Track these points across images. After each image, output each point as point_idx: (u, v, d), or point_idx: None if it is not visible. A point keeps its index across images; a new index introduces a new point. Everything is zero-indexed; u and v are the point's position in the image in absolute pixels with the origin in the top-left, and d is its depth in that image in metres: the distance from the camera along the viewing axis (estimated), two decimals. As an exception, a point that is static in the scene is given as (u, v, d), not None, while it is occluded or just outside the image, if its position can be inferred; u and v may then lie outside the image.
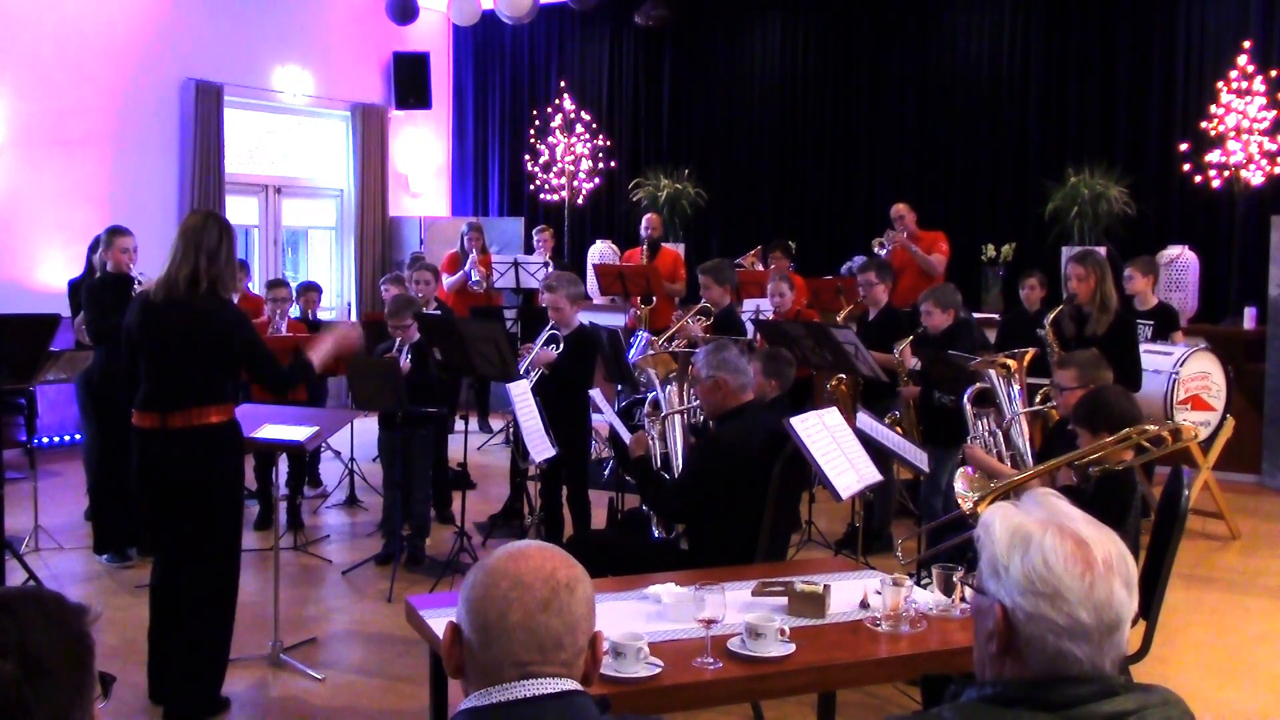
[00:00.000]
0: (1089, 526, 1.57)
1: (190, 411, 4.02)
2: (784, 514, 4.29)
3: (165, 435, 4.03)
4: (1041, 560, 1.52)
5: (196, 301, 4.00)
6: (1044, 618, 1.51)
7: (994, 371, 5.05)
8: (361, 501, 7.49)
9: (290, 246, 12.18)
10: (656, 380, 5.03)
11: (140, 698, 4.27)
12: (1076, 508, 1.61)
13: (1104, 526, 1.59)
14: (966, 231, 9.80)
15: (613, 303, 9.89)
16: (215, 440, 4.08)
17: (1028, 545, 1.54)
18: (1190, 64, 9.45)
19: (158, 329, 4.05)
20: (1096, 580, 1.51)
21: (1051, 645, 1.52)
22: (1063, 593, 1.50)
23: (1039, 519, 1.57)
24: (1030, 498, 1.63)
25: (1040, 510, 1.59)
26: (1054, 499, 1.62)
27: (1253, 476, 8.07)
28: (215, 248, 4.02)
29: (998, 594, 1.56)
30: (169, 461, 4.05)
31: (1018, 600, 1.53)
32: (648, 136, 12.23)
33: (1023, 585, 1.53)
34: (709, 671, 2.80)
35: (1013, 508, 1.62)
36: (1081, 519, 1.58)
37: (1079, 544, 1.53)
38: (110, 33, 9.71)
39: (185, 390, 4.03)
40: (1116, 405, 3.85)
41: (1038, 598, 1.51)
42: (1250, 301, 8.58)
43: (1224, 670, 4.81)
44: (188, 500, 4.07)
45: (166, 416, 4.02)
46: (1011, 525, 1.58)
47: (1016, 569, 1.54)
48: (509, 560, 1.64)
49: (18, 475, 7.49)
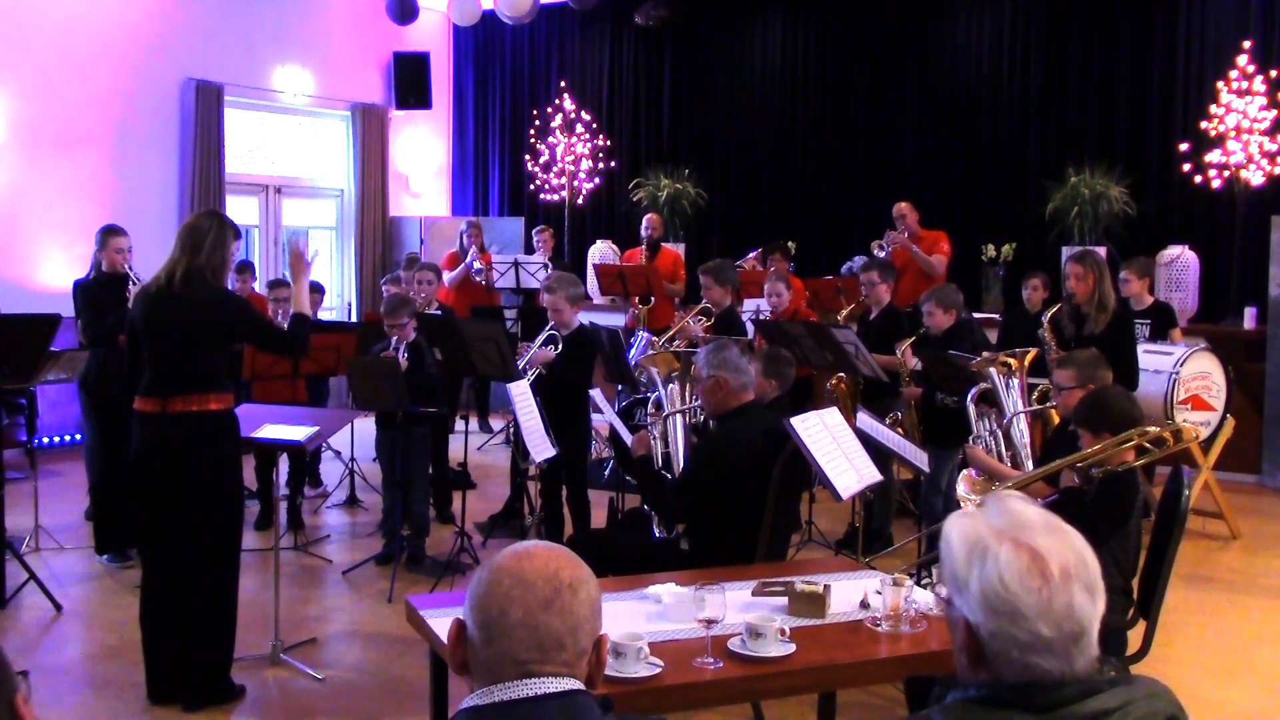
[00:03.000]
0: (1047, 534, 1.54)
1: (191, 397, 4.14)
2: (784, 514, 4.29)
3: (166, 419, 4.14)
4: (998, 578, 1.51)
5: (189, 293, 4.15)
6: (1006, 635, 1.51)
7: (995, 371, 5.05)
8: (361, 501, 7.49)
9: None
10: (659, 379, 5.04)
11: (140, 698, 4.28)
12: (1040, 510, 1.59)
13: (1064, 529, 1.57)
14: (966, 231, 9.80)
15: (613, 303, 9.89)
16: (213, 426, 4.19)
17: (984, 559, 1.53)
18: (1190, 64, 9.45)
19: (158, 320, 4.19)
20: (1054, 593, 1.49)
21: (1018, 659, 1.51)
22: (1021, 610, 1.49)
23: (996, 529, 1.55)
24: (992, 502, 1.61)
25: (1000, 518, 1.57)
26: (1015, 503, 1.60)
27: (1253, 476, 8.07)
28: (204, 242, 4.18)
29: (962, 610, 1.56)
30: (169, 445, 4.15)
31: (980, 617, 1.53)
32: (648, 136, 12.24)
33: (982, 603, 1.52)
34: (709, 671, 2.80)
35: (971, 516, 1.61)
36: (1041, 525, 1.55)
37: (1034, 556, 1.51)
38: (110, 33, 9.71)
39: (186, 377, 4.16)
40: (1117, 406, 3.84)
41: (998, 616, 1.51)
42: (1250, 301, 8.58)
43: (1224, 670, 4.81)
44: (187, 486, 4.14)
45: (167, 401, 4.14)
46: (969, 537, 1.56)
47: (975, 586, 1.53)
48: (514, 559, 1.64)
49: (18, 475, 7.49)
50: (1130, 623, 3.73)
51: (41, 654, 4.88)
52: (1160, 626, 3.72)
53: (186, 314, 4.15)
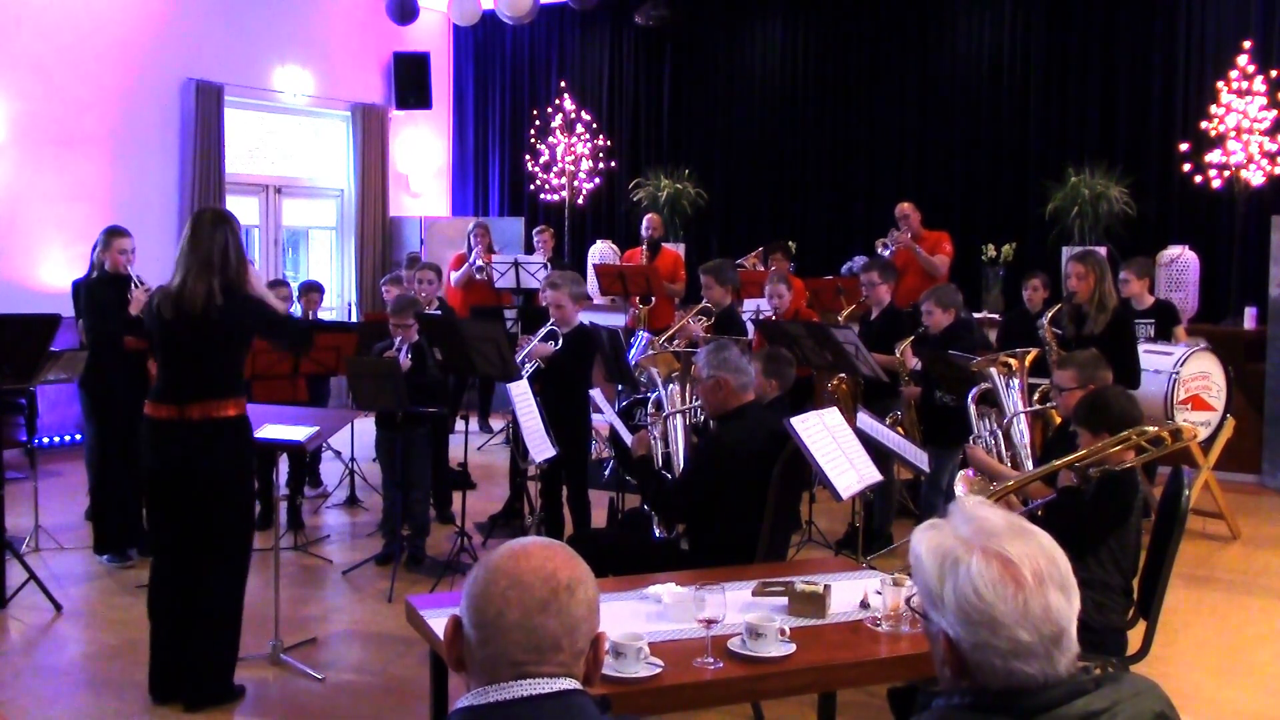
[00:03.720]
0: (1015, 539, 1.54)
1: (208, 404, 4.12)
2: (784, 514, 4.29)
3: (183, 426, 4.11)
4: (972, 589, 1.51)
5: (213, 309, 4.08)
6: (987, 644, 1.51)
7: (995, 371, 5.05)
8: (361, 501, 7.49)
9: (291, 246, 12.18)
10: (659, 380, 5.04)
11: (141, 698, 4.28)
12: (1005, 513, 1.59)
13: (1031, 530, 1.57)
14: (967, 231, 9.80)
15: (613, 303, 9.89)
16: (230, 432, 4.18)
17: (956, 572, 1.53)
18: (1190, 64, 9.45)
19: (176, 331, 4.13)
20: (1029, 597, 1.50)
21: (1000, 667, 1.52)
22: (999, 619, 1.50)
23: (964, 539, 1.55)
24: (957, 512, 1.61)
25: (966, 527, 1.57)
26: (981, 510, 1.60)
27: (1253, 476, 8.07)
28: (225, 255, 4.11)
29: (941, 624, 1.56)
30: (186, 452, 4.12)
31: (959, 631, 1.53)
32: (648, 136, 12.24)
33: (959, 616, 1.52)
34: (709, 671, 2.80)
35: (937, 530, 1.61)
36: (1007, 530, 1.56)
37: (1005, 564, 1.51)
38: (111, 33, 9.71)
39: (203, 383, 4.13)
40: (1117, 406, 3.84)
41: (976, 627, 1.51)
42: (1250, 301, 8.58)
43: (1224, 670, 4.81)
44: (202, 492, 4.13)
45: (184, 408, 4.11)
46: (939, 551, 1.57)
47: (950, 600, 1.53)
48: (510, 558, 1.62)
49: (18, 475, 7.48)
50: (1130, 623, 3.73)
51: (41, 654, 4.89)
52: (1160, 626, 3.71)
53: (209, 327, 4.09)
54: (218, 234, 4.14)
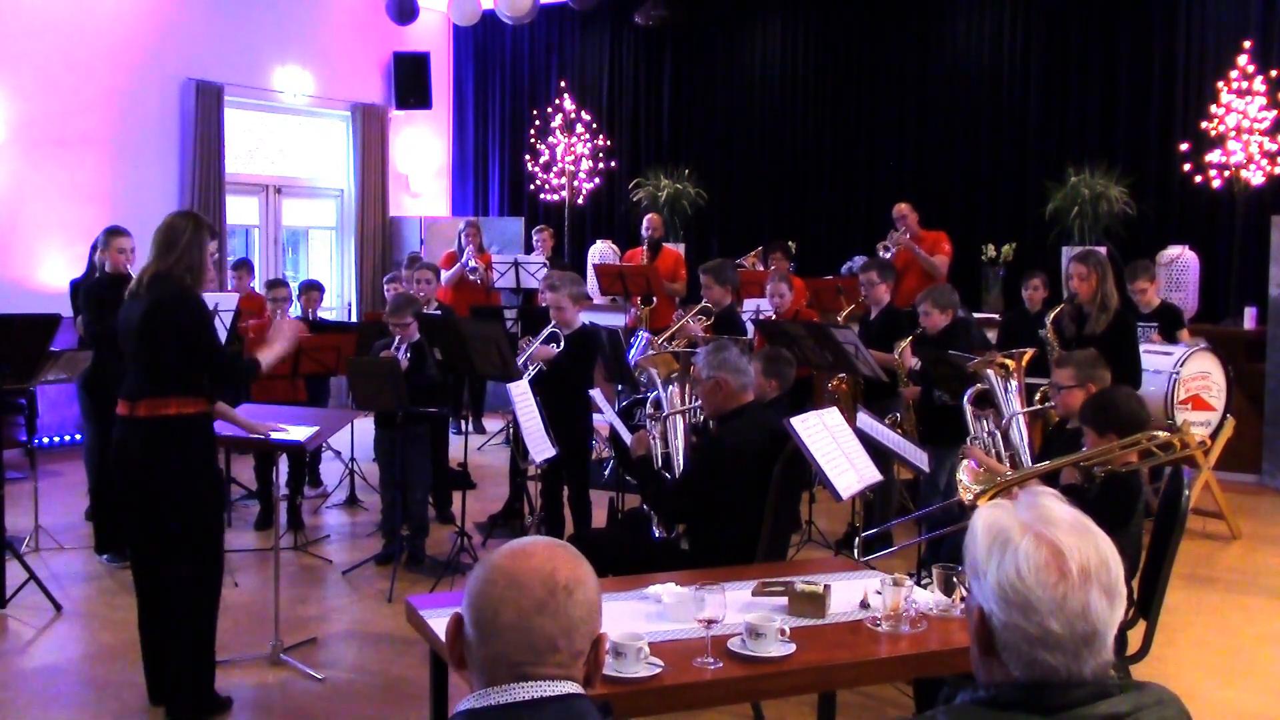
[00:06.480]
0: (1072, 533, 1.53)
1: (154, 401, 4.05)
2: (784, 514, 4.29)
3: (131, 423, 4.09)
4: (1014, 569, 1.50)
5: (153, 294, 4.06)
6: (1016, 626, 1.51)
7: (993, 371, 5.05)
8: (361, 501, 7.49)
9: (290, 246, 12.18)
10: (659, 380, 5.03)
11: (140, 698, 4.28)
12: (1072, 509, 1.58)
13: (1092, 530, 1.55)
14: (966, 231, 9.79)
15: (613, 303, 9.89)
16: (172, 432, 4.05)
17: (1004, 550, 1.53)
18: (1190, 64, 9.45)
19: (127, 322, 4.15)
20: (1070, 591, 1.49)
21: (1026, 653, 1.51)
22: (1033, 604, 1.49)
23: (1022, 522, 1.55)
24: (1025, 496, 1.61)
25: (1028, 512, 1.56)
26: (1047, 499, 1.59)
27: (1253, 476, 8.07)
28: (178, 242, 4.09)
29: (978, 597, 1.56)
30: (131, 449, 4.08)
31: (993, 606, 1.53)
32: (648, 136, 12.24)
33: (997, 593, 1.52)
34: (709, 671, 2.80)
35: (1001, 507, 1.60)
36: (1068, 524, 1.54)
37: (1055, 552, 1.50)
38: (111, 32, 9.71)
39: (148, 381, 4.08)
40: (1125, 407, 3.84)
41: (1010, 606, 1.51)
42: (1250, 301, 8.58)
43: (1224, 670, 4.81)
44: (153, 492, 4.06)
45: (135, 405, 4.08)
46: (994, 526, 1.56)
47: (992, 575, 1.53)
48: (511, 558, 1.61)
49: (18, 475, 7.48)
50: (1130, 623, 3.73)
51: (41, 654, 4.89)
52: (1160, 626, 3.72)
53: (146, 314, 4.04)
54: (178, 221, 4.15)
